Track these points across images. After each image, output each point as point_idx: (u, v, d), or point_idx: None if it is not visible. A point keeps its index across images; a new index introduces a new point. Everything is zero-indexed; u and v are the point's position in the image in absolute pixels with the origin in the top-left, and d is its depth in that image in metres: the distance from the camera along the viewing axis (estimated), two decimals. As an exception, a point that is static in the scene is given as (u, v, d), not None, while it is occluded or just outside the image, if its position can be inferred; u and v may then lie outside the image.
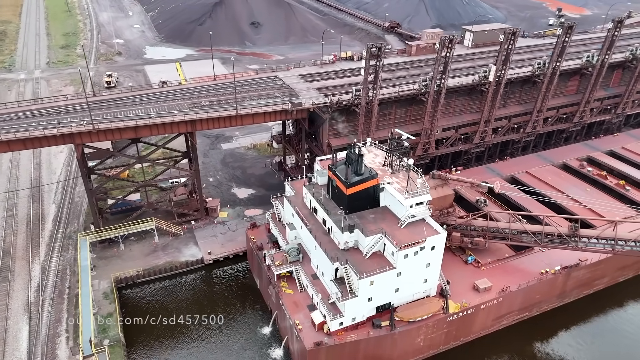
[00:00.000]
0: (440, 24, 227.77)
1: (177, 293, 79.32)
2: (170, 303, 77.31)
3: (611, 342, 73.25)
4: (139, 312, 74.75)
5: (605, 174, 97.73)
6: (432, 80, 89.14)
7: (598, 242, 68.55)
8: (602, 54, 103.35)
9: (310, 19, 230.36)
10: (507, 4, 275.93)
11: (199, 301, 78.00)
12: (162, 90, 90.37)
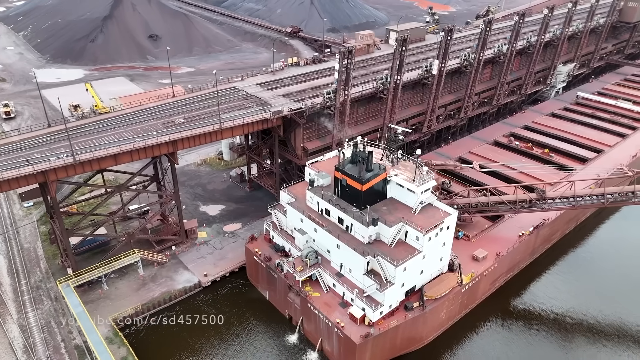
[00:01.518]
0: (334, 26, 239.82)
1: (187, 321, 75.32)
2: (184, 332, 73.33)
3: (573, 284, 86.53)
4: (154, 350, 69.89)
5: (531, 145, 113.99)
6: (387, 77, 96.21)
7: (561, 201, 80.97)
8: (510, 44, 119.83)
9: (211, 28, 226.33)
10: (384, 5, 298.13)
11: (213, 324, 75.09)
12: (124, 114, 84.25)
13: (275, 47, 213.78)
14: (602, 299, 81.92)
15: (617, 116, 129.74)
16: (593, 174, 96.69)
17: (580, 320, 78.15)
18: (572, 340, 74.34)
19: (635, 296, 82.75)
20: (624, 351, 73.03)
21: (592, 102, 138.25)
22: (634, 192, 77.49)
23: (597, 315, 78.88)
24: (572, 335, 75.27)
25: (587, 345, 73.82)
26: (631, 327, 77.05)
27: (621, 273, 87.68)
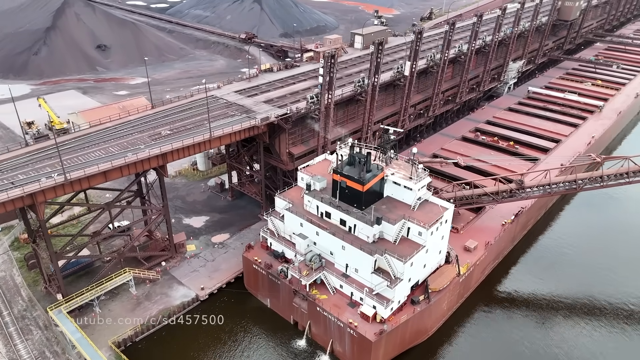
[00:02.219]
0: (287, 31, 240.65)
1: (191, 337, 73.50)
2: (189, 349, 71.47)
3: (547, 268, 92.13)
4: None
5: (496, 139, 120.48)
6: (363, 80, 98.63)
7: (538, 189, 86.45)
8: (469, 44, 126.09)
9: (162, 37, 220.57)
10: (331, 10, 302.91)
11: (218, 337, 73.82)
12: (104, 128, 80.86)
13: (231, 53, 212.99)
14: (573, 278, 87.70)
15: (567, 108, 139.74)
16: (557, 162, 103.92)
17: (556, 300, 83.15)
18: (550, 319, 78.94)
19: (600, 273, 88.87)
20: (596, 323, 78.44)
21: (543, 96, 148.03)
22: (602, 176, 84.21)
23: (570, 294, 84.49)
24: (549, 314, 79.98)
25: (563, 321, 78.65)
26: (600, 303, 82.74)
27: (586, 254, 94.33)
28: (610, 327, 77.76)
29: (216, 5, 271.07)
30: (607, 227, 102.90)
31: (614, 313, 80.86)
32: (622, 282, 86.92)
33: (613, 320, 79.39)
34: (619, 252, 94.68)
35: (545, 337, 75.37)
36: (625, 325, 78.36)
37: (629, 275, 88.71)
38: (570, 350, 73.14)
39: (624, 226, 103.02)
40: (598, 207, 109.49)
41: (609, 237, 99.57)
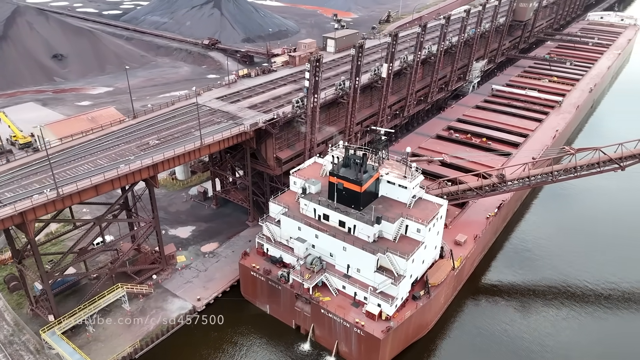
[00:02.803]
0: (249, 36, 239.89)
1: (193, 349, 72.06)
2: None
3: (525, 255, 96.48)
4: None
5: (469, 135, 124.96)
6: (344, 83, 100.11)
7: (518, 182, 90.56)
8: (439, 45, 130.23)
9: (121, 44, 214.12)
10: (290, 14, 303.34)
11: (220, 347, 72.80)
12: (87, 140, 78.04)
13: (195, 60, 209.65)
14: (548, 266, 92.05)
15: (529, 104, 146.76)
16: (528, 156, 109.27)
17: (535, 287, 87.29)
18: (529, 305, 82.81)
19: (572, 260, 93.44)
20: (570, 307, 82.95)
21: (506, 93, 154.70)
22: (575, 167, 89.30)
23: (547, 281, 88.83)
24: (529, 300, 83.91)
25: (540, 306, 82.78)
26: (573, 288, 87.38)
27: (558, 241, 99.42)
28: (584, 310, 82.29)
29: (174, 11, 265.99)
30: (576, 216, 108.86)
31: (587, 297, 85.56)
32: (592, 267, 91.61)
33: (587, 303, 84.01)
34: (588, 239, 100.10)
35: (535, 324, 78.96)
36: (597, 307, 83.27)
37: (597, 261, 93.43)
38: (554, 333, 76.94)
39: (591, 215, 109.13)
40: (565, 198, 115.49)
41: (578, 225, 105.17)
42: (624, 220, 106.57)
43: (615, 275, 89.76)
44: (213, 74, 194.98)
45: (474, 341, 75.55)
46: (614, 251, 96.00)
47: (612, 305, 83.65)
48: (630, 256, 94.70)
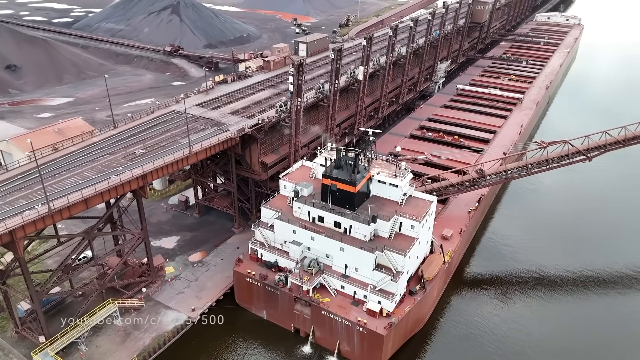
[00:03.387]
0: (211, 42, 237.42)
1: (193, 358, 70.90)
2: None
3: (502, 247, 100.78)
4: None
5: (442, 134, 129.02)
6: (323, 86, 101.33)
7: (496, 176, 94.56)
8: (408, 46, 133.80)
9: (78, 53, 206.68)
10: (249, 19, 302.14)
11: (220, 355, 72.02)
12: (69, 153, 75.23)
13: (157, 67, 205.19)
14: (524, 255, 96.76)
15: (493, 101, 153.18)
16: (499, 151, 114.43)
17: (513, 276, 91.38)
18: (511, 294, 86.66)
19: (544, 249, 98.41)
20: (545, 293, 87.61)
21: (470, 92, 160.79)
22: (547, 160, 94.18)
23: (525, 270, 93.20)
24: (510, 289, 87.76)
25: (521, 294, 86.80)
26: (547, 276, 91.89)
27: (529, 231, 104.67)
28: (559, 295, 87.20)
29: (130, 18, 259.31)
30: (542, 209, 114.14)
31: (560, 283, 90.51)
32: (561, 255, 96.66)
33: (561, 288, 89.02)
34: (554, 230, 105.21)
35: (519, 312, 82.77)
36: (570, 291, 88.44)
37: (564, 250, 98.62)
38: (536, 318, 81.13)
39: (555, 207, 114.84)
40: (530, 192, 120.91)
41: (545, 217, 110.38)
42: (585, 212, 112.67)
43: (582, 262, 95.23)
44: (178, 81, 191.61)
45: (468, 332, 78.08)
46: (579, 240, 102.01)
47: (583, 288, 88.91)
48: (593, 244, 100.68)
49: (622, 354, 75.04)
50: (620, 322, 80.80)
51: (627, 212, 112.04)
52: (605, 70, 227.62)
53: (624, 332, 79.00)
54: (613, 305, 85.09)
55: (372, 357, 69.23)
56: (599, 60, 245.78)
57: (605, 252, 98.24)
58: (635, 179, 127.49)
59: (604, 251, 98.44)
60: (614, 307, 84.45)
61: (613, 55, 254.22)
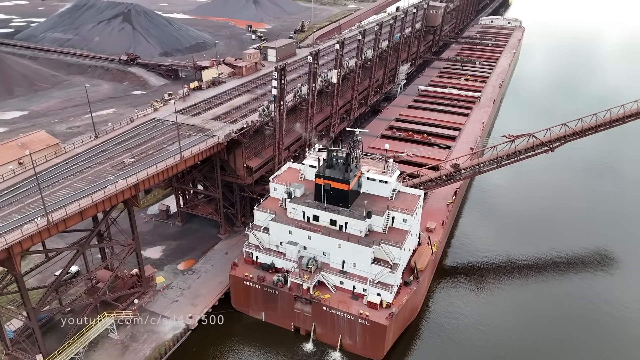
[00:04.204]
0: (166, 50, 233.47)
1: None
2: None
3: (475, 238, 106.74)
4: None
5: (411, 133, 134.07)
6: (300, 89, 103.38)
7: (470, 169, 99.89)
8: (374, 49, 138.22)
9: (27, 64, 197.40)
10: (202, 26, 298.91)
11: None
12: (53, 165, 72.91)
13: (114, 76, 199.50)
14: (497, 243, 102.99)
15: (453, 100, 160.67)
16: (466, 147, 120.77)
17: (488, 266, 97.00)
18: (482, 281, 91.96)
19: (512, 239, 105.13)
20: (519, 278, 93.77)
21: (431, 93, 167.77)
22: (515, 152, 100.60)
23: (500, 258, 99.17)
24: (482, 278, 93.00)
25: (495, 282, 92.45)
26: (519, 262, 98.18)
27: (500, 219, 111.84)
28: (531, 280, 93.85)
29: (78, 27, 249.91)
30: (508, 201, 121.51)
31: (530, 268, 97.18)
32: (531, 243, 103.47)
33: (532, 273, 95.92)
34: (521, 219, 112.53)
35: (499, 297, 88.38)
36: (544, 275, 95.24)
37: (525, 238, 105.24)
38: (513, 301, 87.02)
39: (521, 198, 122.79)
40: (487, 191, 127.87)
41: (512, 207, 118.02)
42: (531, 205, 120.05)
43: (550, 246, 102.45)
44: (138, 90, 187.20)
45: (458, 318, 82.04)
46: (544, 229, 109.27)
47: (543, 270, 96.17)
48: (557, 231, 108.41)
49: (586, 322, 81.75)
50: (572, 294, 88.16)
51: (567, 204, 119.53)
52: (545, 68, 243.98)
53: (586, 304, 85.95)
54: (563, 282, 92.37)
55: (375, 348, 71.61)
56: (539, 59, 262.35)
57: (550, 237, 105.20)
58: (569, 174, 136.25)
59: (547, 237, 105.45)
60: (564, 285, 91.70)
61: (550, 54, 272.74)
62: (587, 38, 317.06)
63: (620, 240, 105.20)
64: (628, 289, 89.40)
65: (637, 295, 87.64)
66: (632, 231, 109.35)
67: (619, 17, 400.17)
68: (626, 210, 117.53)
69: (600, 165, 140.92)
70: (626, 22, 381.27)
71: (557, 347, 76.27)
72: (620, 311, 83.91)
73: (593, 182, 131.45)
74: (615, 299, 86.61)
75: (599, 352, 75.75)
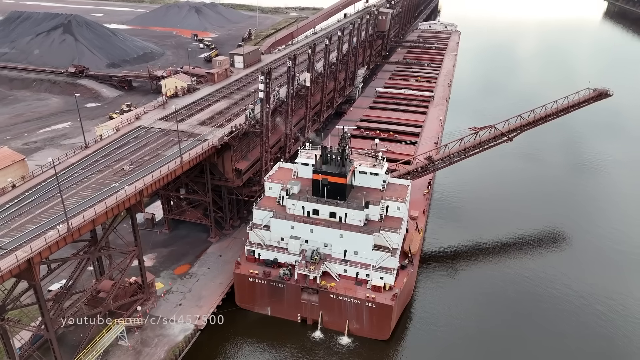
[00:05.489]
0: (113, 61, 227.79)
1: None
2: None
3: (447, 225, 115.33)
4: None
5: (378, 132, 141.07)
6: (278, 92, 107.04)
7: (443, 161, 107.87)
8: (338, 53, 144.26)
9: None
10: (145, 36, 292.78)
11: (237, 357, 73.96)
12: (50, 176, 71.61)
13: (62, 90, 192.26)
14: (469, 228, 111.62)
15: (410, 100, 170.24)
16: (430, 141, 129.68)
17: (462, 251, 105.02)
18: (457, 267, 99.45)
19: (485, 220, 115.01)
20: (493, 258, 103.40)
21: (388, 94, 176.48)
22: (481, 143, 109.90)
23: (474, 241, 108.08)
24: (456, 263, 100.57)
25: (466, 261, 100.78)
26: (490, 243, 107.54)
27: (470, 205, 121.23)
28: (500, 259, 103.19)
29: (15, 40, 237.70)
30: (472, 187, 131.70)
31: (499, 247, 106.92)
32: (490, 225, 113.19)
33: (503, 251, 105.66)
34: (489, 203, 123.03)
35: (482, 274, 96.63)
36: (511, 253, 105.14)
37: (491, 221, 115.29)
38: (494, 278, 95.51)
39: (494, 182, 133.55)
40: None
41: (484, 191, 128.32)
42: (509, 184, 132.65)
43: (516, 226, 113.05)
44: (91, 103, 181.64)
45: (445, 297, 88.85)
46: (510, 211, 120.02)
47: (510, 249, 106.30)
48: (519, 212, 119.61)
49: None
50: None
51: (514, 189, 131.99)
52: (479, 67, 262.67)
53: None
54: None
55: (381, 328, 76.46)
56: (474, 59, 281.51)
57: (505, 219, 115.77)
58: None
59: (503, 219, 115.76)
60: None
61: (480, 54, 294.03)
62: (511, 38, 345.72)
63: (561, 216, 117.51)
64: (572, 262, 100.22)
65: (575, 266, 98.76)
66: (559, 207, 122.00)
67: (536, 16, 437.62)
68: (550, 188, 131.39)
69: (534, 152, 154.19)
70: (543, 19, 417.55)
71: (520, 315, 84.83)
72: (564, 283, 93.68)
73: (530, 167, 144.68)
74: (563, 273, 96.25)
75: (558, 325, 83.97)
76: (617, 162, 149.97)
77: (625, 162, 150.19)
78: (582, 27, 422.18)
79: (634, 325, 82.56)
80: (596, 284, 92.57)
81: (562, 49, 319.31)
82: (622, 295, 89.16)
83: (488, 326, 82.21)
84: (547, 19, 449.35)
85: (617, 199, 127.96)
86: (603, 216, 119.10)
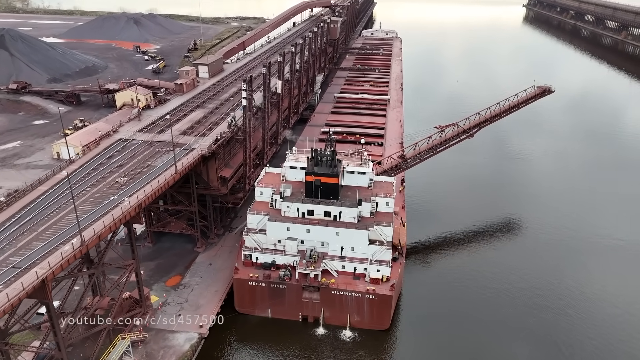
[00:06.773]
0: (55, 76, 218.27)
1: None
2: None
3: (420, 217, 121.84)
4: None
5: (345, 135, 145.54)
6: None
7: (414, 159, 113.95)
8: (301, 61, 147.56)
9: None
10: (84, 49, 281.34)
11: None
12: (44, 192, 69.29)
13: (5, 107, 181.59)
14: (442, 218, 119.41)
15: (368, 104, 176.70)
16: (395, 141, 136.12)
17: (434, 242, 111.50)
18: (432, 257, 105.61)
19: (457, 211, 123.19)
20: (470, 246, 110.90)
21: (347, 99, 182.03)
22: (446, 140, 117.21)
23: (451, 232, 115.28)
24: (430, 256, 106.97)
25: (443, 257, 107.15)
26: (465, 234, 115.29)
27: (441, 197, 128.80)
28: (478, 245, 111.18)
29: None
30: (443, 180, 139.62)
31: (475, 235, 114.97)
32: (465, 215, 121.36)
33: (476, 240, 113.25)
34: (458, 195, 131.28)
35: (460, 262, 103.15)
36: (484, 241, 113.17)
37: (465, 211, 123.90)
38: (471, 265, 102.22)
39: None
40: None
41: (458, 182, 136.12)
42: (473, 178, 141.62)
43: (474, 216, 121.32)
44: (39, 120, 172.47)
45: (431, 285, 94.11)
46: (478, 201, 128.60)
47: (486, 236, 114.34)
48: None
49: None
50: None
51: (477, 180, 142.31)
52: (422, 71, 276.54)
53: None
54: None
55: (382, 319, 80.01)
56: (416, 64, 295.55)
57: (471, 208, 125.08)
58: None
59: (470, 208, 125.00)
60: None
61: (424, 59, 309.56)
62: (444, 43, 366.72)
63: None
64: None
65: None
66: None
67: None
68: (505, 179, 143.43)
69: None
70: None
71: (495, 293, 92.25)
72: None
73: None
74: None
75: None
76: (542, 153, 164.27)
77: (548, 153, 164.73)
78: (505, 29, 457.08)
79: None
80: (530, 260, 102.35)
81: (489, 51, 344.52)
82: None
83: (471, 307, 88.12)
84: (472, 24, 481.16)
85: (545, 185, 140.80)
86: (537, 200, 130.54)
